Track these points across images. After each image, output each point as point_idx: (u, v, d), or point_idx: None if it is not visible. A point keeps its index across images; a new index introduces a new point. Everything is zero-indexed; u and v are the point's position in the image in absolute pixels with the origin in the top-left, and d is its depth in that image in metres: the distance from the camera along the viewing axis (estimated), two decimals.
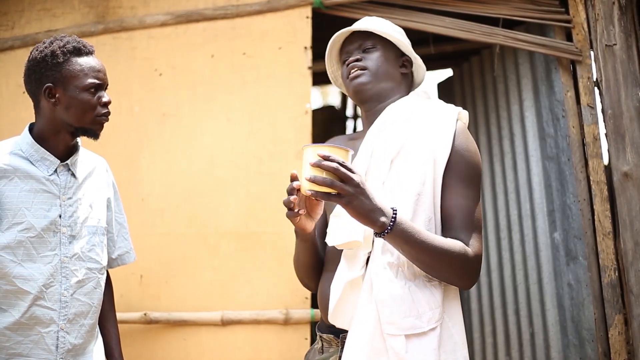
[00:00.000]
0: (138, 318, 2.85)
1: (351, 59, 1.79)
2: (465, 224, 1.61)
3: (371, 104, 1.80)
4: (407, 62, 1.85)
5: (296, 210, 1.54)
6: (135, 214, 2.82)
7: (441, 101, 1.81)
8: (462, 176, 1.65)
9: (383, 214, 1.48)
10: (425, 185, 1.63)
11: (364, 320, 1.59)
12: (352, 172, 1.44)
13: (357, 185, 1.43)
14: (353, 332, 1.61)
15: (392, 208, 1.50)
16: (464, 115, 1.77)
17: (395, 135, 1.70)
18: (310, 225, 1.63)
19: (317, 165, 1.42)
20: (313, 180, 1.42)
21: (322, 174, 1.43)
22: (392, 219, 1.48)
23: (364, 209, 1.45)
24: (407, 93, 1.85)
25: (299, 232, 1.68)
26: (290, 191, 1.53)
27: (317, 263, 1.80)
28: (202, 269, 2.93)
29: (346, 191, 1.43)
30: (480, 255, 1.61)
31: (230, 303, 2.88)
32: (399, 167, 1.66)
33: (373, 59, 1.79)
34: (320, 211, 1.62)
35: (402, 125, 1.72)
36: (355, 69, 1.78)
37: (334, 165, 1.42)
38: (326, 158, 1.43)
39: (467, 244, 1.59)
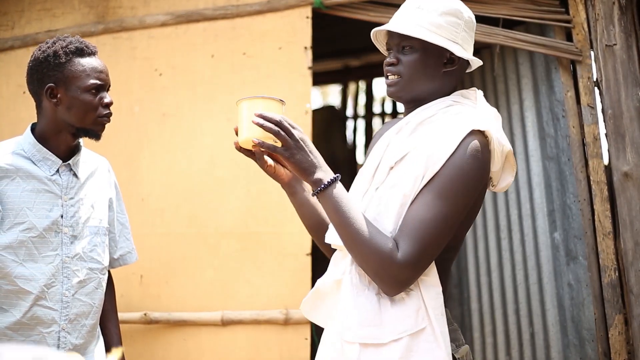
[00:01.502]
0: (138, 318, 2.85)
1: (387, 60, 1.68)
2: (410, 231, 1.49)
3: (408, 105, 1.72)
4: (454, 57, 1.67)
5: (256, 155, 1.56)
6: (135, 214, 2.82)
7: (481, 106, 1.67)
8: (436, 187, 1.52)
9: (322, 172, 1.49)
10: (406, 198, 1.54)
11: (333, 322, 1.58)
12: (294, 128, 1.47)
13: (297, 141, 1.47)
14: (324, 334, 1.62)
15: (337, 175, 1.51)
16: (489, 132, 1.59)
17: (403, 142, 1.64)
18: (283, 172, 1.65)
19: (261, 116, 1.46)
20: (261, 125, 1.46)
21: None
22: (330, 180, 1.49)
23: (304, 163, 1.48)
24: (455, 88, 1.72)
25: (283, 186, 1.67)
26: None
27: (315, 226, 1.73)
28: (202, 269, 2.93)
29: (289, 143, 1.46)
30: (410, 265, 1.46)
31: (230, 303, 2.88)
32: (394, 177, 1.60)
33: (408, 64, 1.65)
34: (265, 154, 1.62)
35: (414, 133, 1.64)
36: (390, 75, 1.68)
37: (278, 118, 1.46)
38: (265, 117, 1.46)
39: (400, 249, 1.47)
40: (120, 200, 2.16)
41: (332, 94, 7.36)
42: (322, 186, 1.48)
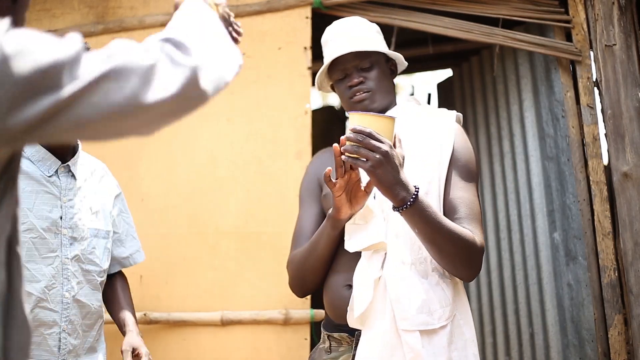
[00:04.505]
0: (138, 318, 2.84)
1: (355, 81, 1.81)
2: (469, 215, 1.67)
3: None
4: (393, 66, 1.90)
5: (336, 178, 1.60)
6: (135, 214, 2.80)
7: (433, 106, 1.92)
8: (461, 171, 1.72)
9: (405, 188, 1.52)
10: (431, 185, 1.68)
11: (379, 317, 1.60)
12: (381, 142, 1.48)
13: (383, 154, 1.48)
14: (368, 330, 1.62)
15: (415, 186, 1.53)
16: (459, 117, 1.87)
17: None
18: (345, 210, 1.66)
19: (347, 139, 1.51)
20: (344, 150, 1.51)
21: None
22: (414, 195, 1.52)
23: (387, 179, 1.49)
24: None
25: (333, 217, 1.70)
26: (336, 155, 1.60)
27: (329, 260, 1.80)
28: (202, 269, 2.93)
29: (371, 157, 1.48)
30: (483, 246, 1.65)
31: (230, 303, 2.88)
32: (406, 169, 1.68)
33: (373, 79, 1.82)
34: (362, 203, 1.65)
35: (404, 130, 1.75)
36: (361, 92, 1.81)
37: (360, 137, 1.49)
38: (354, 130, 1.50)
39: (475, 235, 1.64)
40: (123, 200, 2.17)
41: (331, 94, 7.35)
42: (408, 204, 1.52)
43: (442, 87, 4.28)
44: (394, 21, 3.00)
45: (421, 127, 1.77)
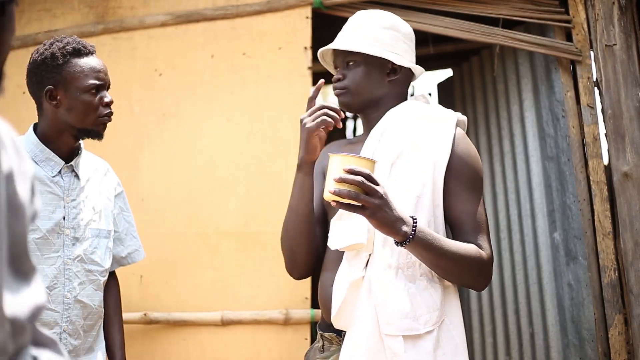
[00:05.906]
0: (138, 318, 2.85)
1: (335, 77, 1.83)
2: (475, 228, 1.66)
3: (363, 113, 1.84)
4: (396, 67, 1.81)
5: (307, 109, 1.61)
6: (135, 214, 2.80)
7: (440, 106, 1.82)
8: (465, 181, 1.68)
9: (404, 223, 1.50)
10: (425, 188, 1.65)
11: (362, 320, 1.60)
12: (377, 185, 1.46)
13: (381, 197, 1.46)
14: (351, 332, 1.62)
15: (412, 217, 1.53)
16: (462, 121, 1.79)
17: (395, 139, 1.72)
18: (319, 148, 1.69)
19: (342, 180, 1.44)
20: (338, 194, 1.43)
21: (346, 186, 1.44)
22: (413, 228, 1.51)
23: (387, 219, 1.47)
24: (405, 95, 1.85)
25: (305, 161, 1.70)
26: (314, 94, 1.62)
27: (310, 221, 1.76)
28: (202, 269, 2.93)
29: (370, 203, 1.44)
30: (492, 256, 1.65)
31: (230, 303, 2.88)
32: (399, 171, 1.68)
33: (353, 77, 1.79)
34: (329, 128, 1.67)
35: (402, 129, 1.74)
36: (337, 89, 1.82)
37: (359, 179, 1.44)
38: (351, 172, 1.44)
39: (480, 247, 1.63)
40: (125, 199, 2.16)
41: (332, 94, 7.35)
42: (409, 239, 1.51)
43: (442, 87, 4.28)
44: None
45: (418, 128, 1.74)
